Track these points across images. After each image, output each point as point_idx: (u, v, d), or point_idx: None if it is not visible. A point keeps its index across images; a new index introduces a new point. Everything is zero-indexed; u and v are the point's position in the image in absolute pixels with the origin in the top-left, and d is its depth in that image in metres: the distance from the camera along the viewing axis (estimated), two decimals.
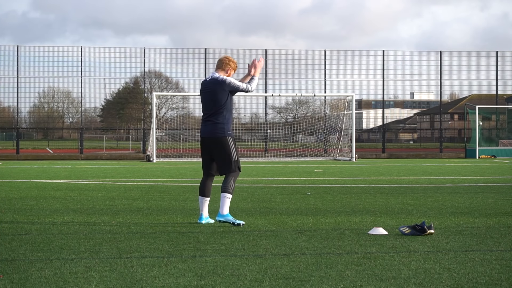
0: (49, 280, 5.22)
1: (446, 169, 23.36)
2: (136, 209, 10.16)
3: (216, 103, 8.46)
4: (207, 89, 8.58)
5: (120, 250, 6.56)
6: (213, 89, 8.50)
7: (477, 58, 40.54)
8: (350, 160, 32.12)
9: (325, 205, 10.82)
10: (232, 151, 8.45)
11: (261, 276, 5.40)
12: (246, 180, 16.87)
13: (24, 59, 37.52)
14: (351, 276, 5.40)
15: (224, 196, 8.35)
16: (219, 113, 8.45)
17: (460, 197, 12.11)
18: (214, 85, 8.52)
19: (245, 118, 44.84)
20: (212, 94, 8.49)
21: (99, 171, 21.65)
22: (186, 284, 5.13)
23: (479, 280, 5.26)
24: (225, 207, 8.33)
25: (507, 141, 39.26)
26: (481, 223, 8.63)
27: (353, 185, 15.29)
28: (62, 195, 12.54)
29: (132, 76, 44.57)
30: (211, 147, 8.49)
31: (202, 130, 8.57)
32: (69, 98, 50.39)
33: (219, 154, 8.46)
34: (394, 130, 79.47)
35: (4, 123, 42.92)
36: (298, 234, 7.64)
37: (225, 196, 8.35)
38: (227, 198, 8.34)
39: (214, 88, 8.50)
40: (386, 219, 9.03)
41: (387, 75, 38.88)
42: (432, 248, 6.69)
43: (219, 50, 38.87)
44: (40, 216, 9.27)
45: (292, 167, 24.93)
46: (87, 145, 43.53)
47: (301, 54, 45.47)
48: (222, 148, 8.44)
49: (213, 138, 8.45)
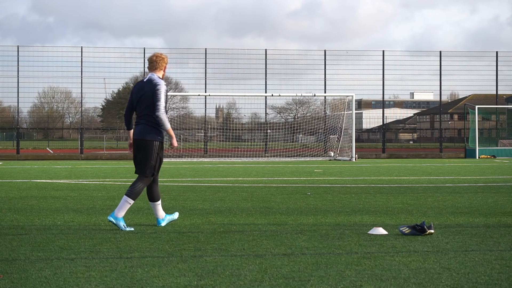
0: (49, 280, 5.23)
1: (446, 169, 23.36)
2: (136, 209, 10.16)
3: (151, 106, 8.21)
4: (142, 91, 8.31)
5: (120, 250, 6.56)
6: (148, 92, 8.23)
7: (477, 58, 40.57)
8: (350, 160, 32.12)
9: (325, 205, 10.82)
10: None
11: (261, 276, 5.41)
12: (246, 180, 16.87)
13: (25, 59, 37.56)
14: (351, 276, 5.41)
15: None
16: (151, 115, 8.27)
17: (460, 197, 12.11)
18: (150, 88, 8.23)
19: (245, 118, 44.87)
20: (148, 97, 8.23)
21: (99, 171, 21.65)
22: (186, 284, 5.13)
23: (479, 280, 5.26)
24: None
25: (507, 141, 39.26)
26: (481, 223, 8.63)
27: (353, 185, 15.29)
28: (62, 195, 12.54)
29: (132, 76, 44.56)
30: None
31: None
32: (69, 98, 50.44)
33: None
34: (394, 130, 79.50)
35: (4, 123, 42.92)
36: (298, 234, 7.64)
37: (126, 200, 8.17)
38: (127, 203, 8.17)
39: (149, 90, 8.22)
40: (386, 219, 9.03)
41: (387, 75, 38.91)
42: (432, 248, 6.70)
43: (219, 50, 38.90)
44: (40, 216, 9.27)
45: (292, 167, 24.93)
46: (87, 145, 43.53)
47: (300, 54, 45.43)
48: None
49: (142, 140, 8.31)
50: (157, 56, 8.50)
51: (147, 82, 8.32)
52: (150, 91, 8.19)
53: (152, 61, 8.47)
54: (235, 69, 38.10)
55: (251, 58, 38.60)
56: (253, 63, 38.45)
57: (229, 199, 11.63)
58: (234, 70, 38.09)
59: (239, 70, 38.30)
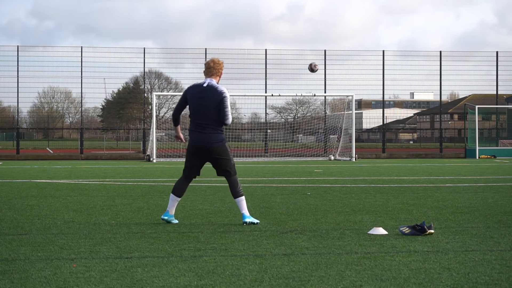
0: (49, 280, 5.23)
1: (446, 169, 23.36)
2: (136, 209, 10.16)
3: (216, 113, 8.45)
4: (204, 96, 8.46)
5: (120, 250, 6.56)
6: (212, 99, 8.40)
7: (477, 58, 40.56)
8: (350, 160, 32.12)
9: (325, 205, 10.82)
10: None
11: (261, 276, 5.41)
12: (246, 180, 16.87)
13: (25, 59, 37.55)
14: (351, 276, 5.41)
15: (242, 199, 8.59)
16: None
17: (460, 197, 12.11)
18: (214, 95, 8.41)
19: (245, 118, 44.86)
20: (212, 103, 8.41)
21: (99, 171, 21.65)
22: (186, 284, 5.13)
23: (479, 280, 5.26)
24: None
25: (507, 141, 39.26)
26: (481, 223, 8.63)
27: (353, 185, 15.29)
28: (62, 195, 12.54)
29: (132, 76, 44.59)
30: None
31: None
32: (69, 98, 50.43)
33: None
34: (394, 130, 79.49)
35: (4, 123, 42.91)
36: (298, 234, 7.64)
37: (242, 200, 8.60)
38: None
39: (213, 98, 8.40)
40: (386, 219, 9.03)
41: (387, 75, 38.90)
42: (432, 248, 6.70)
43: (219, 50, 38.89)
44: (40, 216, 9.27)
45: (292, 167, 24.93)
46: (87, 145, 43.50)
47: (300, 54, 45.45)
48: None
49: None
50: (215, 62, 8.63)
51: (209, 89, 8.44)
52: (216, 99, 8.36)
53: (209, 67, 8.60)
54: (235, 69, 38.08)
55: (251, 58, 38.62)
56: (253, 63, 38.46)
57: (229, 199, 11.62)
58: (234, 70, 38.07)
59: (239, 70, 38.28)
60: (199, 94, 8.45)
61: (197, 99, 8.44)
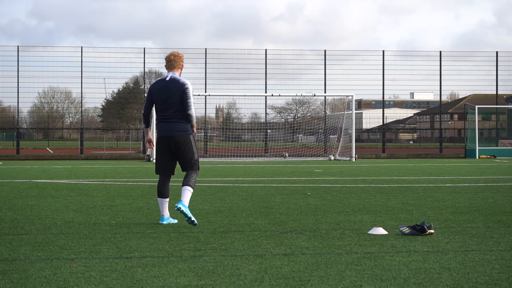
0: (49, 280, 5.23)
1: (446, 169, 23.36)
2: (136, 209, 10.16)
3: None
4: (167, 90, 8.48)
5: (120, 250, 6.56)
6: (175, 90, 8.42)
7: (477, 58, 40.56)
8: (350, 160, 32.12)
9: (325, 205, 10.82)
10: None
11: (261, 276, 5.41)
12: (246, 180, 16.87)
13: (25, 59, 37.56)
14: (351, 276, 5.41)
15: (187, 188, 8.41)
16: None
17: (460, 197, 12.11)
18: (177, 87, 8.43)
19: (245, 118, 44.87)
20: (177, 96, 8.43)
21: (99, 171, 21.65)
22: (186, 284, 5.13)
23: (479, 280, 5.27)
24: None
25: (507, 141, 39.26)
26: (481, 223, 8.63)
27: (353, 185, 15.29)
28: (62, 195, 12.54)
29: (132, 76, 44.63)
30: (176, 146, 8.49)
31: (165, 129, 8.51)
32: (69, 98, 50.48)
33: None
34: (394, 130, 79.48)
35: (4, 123, 42.91)
36: (298, 234, 7.64)
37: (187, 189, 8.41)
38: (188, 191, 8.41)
39: (176, 89, 8.42)
40: (386, 219, 9.03)
41: (387, 75, 38.90)
42: (432, 248, 6.70)
43: (219, 50, 38.90)
44: (40, 216, 9.27)
45: (292, 167, 24.93)
46: (87, 145, 43.50)
47: (300, 54, 45.45)
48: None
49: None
50: (175, 55, 8.68)
51: (172, 82, 8.48)
52: (179, 91, 8.39)
53: (170, 60, 8.64)
54: (235, 69, 38.09)
55: (251, 58, 38.61)
56: (253, 63, 38.46)
57: (229, 199, 11.63)
58: (234, 70, 38.08)
59: (239, 70, 38.29)
60: (163, 88, 8.49)
61: (162, 93, 8.47)
